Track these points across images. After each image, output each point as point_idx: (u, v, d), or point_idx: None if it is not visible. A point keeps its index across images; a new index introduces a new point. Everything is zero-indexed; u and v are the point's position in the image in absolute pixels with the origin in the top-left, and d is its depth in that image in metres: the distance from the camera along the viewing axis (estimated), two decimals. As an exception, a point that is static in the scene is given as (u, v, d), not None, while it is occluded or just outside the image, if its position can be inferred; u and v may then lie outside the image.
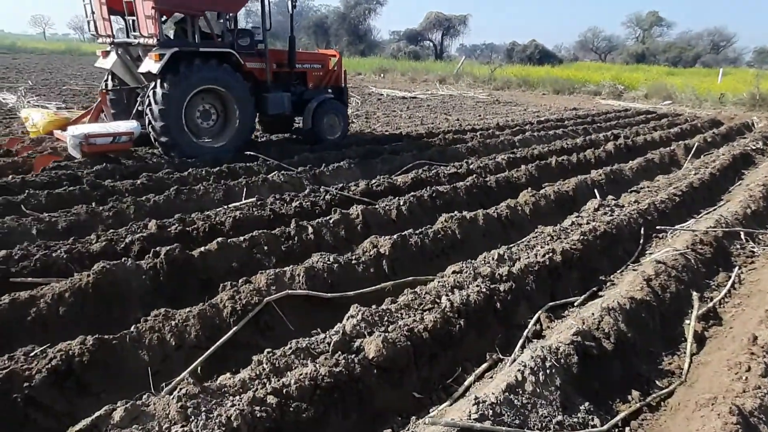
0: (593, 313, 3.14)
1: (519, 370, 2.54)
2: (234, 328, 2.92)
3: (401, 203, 5.07)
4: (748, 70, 34.09)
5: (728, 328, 3.45)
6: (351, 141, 8.93)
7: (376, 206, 4.99)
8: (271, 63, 8.03)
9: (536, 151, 8.58)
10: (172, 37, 7.05)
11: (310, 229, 4.32)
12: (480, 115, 15.23)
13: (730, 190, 7.20)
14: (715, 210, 6.04)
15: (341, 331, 2.81)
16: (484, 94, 23.11)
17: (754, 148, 10.07)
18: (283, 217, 4.82)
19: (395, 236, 4.09)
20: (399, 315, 3.09)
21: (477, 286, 3.40)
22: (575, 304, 3.78)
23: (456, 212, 4.83)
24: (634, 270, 4.20)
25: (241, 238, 3.97)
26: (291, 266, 3.54)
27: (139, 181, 5.50)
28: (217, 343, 2.80)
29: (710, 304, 3.74)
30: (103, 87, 7.87)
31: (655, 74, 30.56)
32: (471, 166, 7.17)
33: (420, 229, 4.38)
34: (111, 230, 4.19)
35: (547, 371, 2.57)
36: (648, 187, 6.97)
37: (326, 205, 5.21)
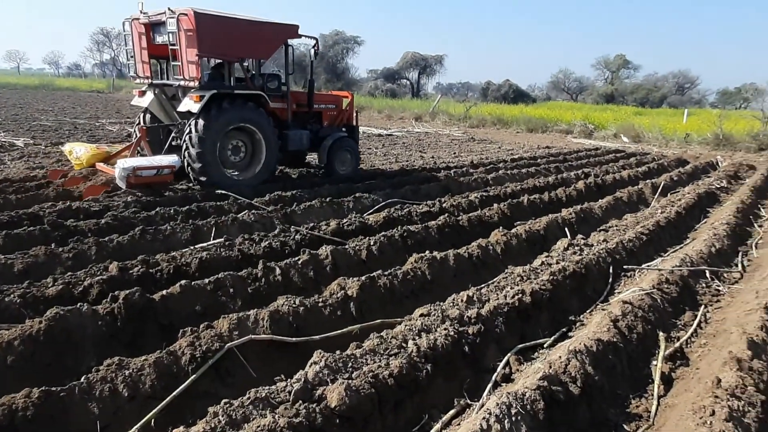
0: (560, 357, 3.11)
1: (484, 418, 2.48)
2: (191, 378, 2.81)
3: (372, 243, 5.05)
4: (712, 110, 35.58)
5: (695, 369, 3.45)
6: (324, 180, 8.95)
7: (346, 247, 4.95)
8: (291, 103, 8.75)
9: (509, 190, 8.70)
10: (206, 79, 7.69)
11: (278, 271, 4.25)
12: (455, 153, 15.47)
13: (695, 228, 7.37)
14: (681, 248, 6.16)
15: (303, 379, 2.72)
16: (459, 132, 23.56)
17: (718, 186, 10.40)
18: (251, 257, 4.74)
19: (363, 278, 4.04)
20: (364, 360, 3.02)
21: (445, 329, 3.36)
22: (545, 345, 3.75)
23: (426, 252, 4.81)
24: (603, 310, 4.20)
25: (206, 281, 3.87)
26: (255, 310, 3.46)
27: (103, 221, 5.36)
28: (173, 394, 2.68)
29: (677, 345, 3.75)
30: (141, 123, 8.52)
31: (623, 114, 31.63)
32: (444, 205, 7.22)
33: (389, 271, 4.34)
34: (69, 273, 4.05)
35: (513, 418, 2.52)
36: (616, 225, 7.09)
37: (296, 245, 5.15)
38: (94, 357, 3.10)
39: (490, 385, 3.15)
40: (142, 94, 8.47)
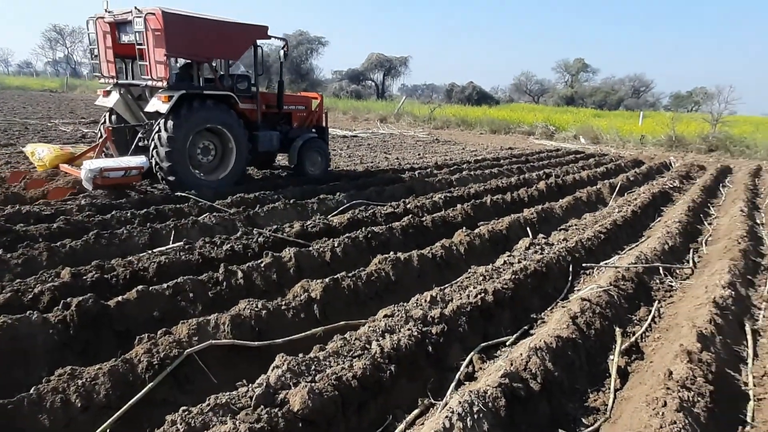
0: (521, 354, 3.17)
1: (447, 417, 2.50)
2: (149, 385, 2.73)
3: (336, 245, 5.02)
4: (665, 113, 36.91)
5: (649, 363, 3.57)
6: (288, 182, 8.87)
7: (310, 248, 4.91)
8: (261, 104, 8.71)
9: (472, 190, 8.81)
10: (175, 79, 7.57)
11: (240, 274, 4.18)
12: (419, 154, 15.57)
13: (650, 227, 7.64)
14: (637, 246, 6.36)
15: (265, 383, 2.68)
16: (424, 133, 23.74)
17: (671, 186, 10.81)
18: (212, 261, 4.64)
19: (327, 280, 4.02)
20: (327, 363, 3.00)
21: (408, 329, 3.37)
22: (507, 343, 3.82)
23: (390, 253, 4.82)
24: (563, 307, 4.30)
25: (165, 286, 3.77)
26: (215, 314, 3.39)
27: (55, 225, 5.14)
28: (128, 404, 2.60)
29: (632, 339, 3.88)
30: (107, 124, 8.34)
31: (583, 116, 32.52)
32: (408, 206, 7.25)
33: (353, 272, 4.33)
34: (18, 280, 3.87)
35: (475, 416, 2.55)
36: (576, 224, 7.27)
37: (259, 247, 5.07)
38: (45, 367, 2.97)
39: (453, 384, 3.17)
40: (107, 93, 8.33)
